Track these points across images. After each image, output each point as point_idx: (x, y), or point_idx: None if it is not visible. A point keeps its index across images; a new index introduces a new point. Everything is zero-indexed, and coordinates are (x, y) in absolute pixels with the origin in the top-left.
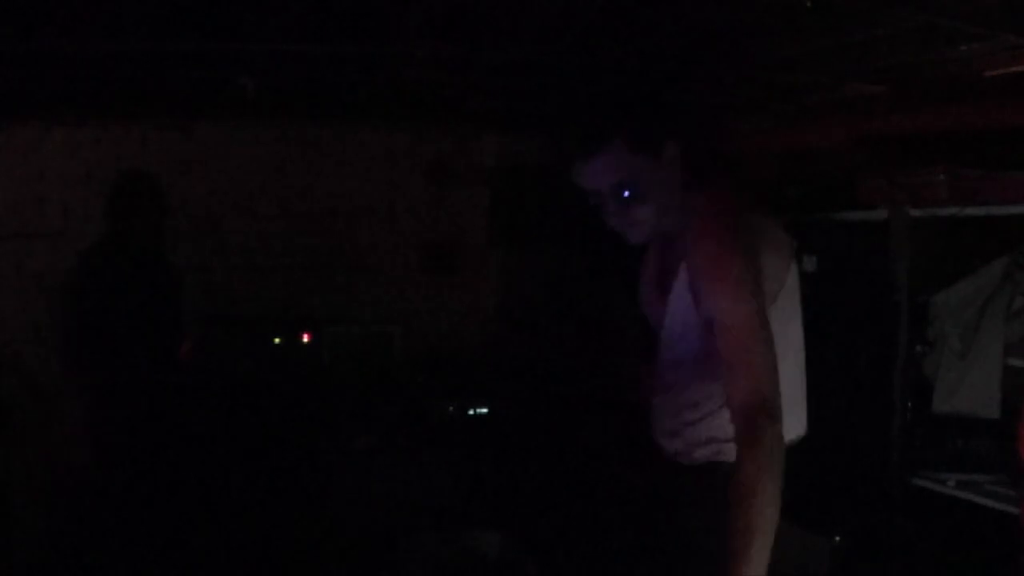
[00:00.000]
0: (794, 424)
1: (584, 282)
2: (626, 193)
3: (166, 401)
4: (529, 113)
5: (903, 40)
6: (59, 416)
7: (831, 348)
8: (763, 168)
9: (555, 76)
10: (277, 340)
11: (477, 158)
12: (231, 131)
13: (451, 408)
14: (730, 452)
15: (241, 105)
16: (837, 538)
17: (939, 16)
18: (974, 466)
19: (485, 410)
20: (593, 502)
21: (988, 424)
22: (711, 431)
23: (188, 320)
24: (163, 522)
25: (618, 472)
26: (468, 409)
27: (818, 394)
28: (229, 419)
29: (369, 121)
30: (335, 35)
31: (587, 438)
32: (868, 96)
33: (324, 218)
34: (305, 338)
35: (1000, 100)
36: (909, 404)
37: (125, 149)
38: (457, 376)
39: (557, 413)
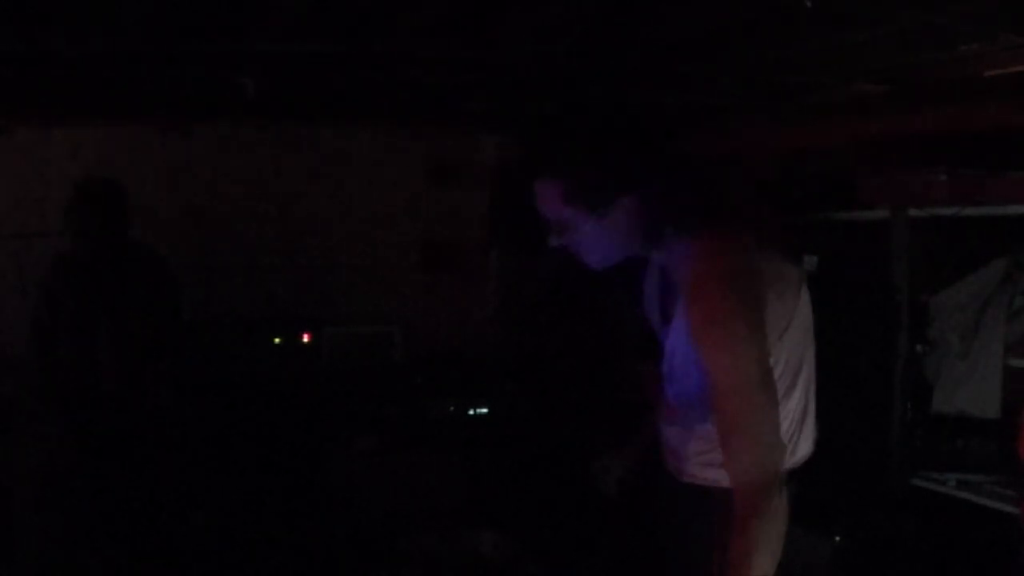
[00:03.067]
0: (803, 446)
1: (584, 282)
2: (558, 236)
3: (155, 401)
4: (529, 113)
5: (903, 40)
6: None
7: (831, 348)
8: (763, 168)
9: (555, 76)
10: (277, 340)
11: (477, 158)
12: (231, 131)
13: (451, 408)
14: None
15: (241, 105)
16: (837, 538)
17: (939, 16)
18: (974, 466)
19: (485, 410)
20: (592, 502)
21: (988, 424)
22: (719, 460)
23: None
24: (162, 522)
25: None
26: (468, 409)
27: (818, 394)
28: (229, 419)
29: (369, 121)
30: (335, 35)
31: (587, 438)
32: (868, 96)
33: (324, 218)
34: (305, 338)
35: (1000, 100)
36: (909, 404)
37: (125, 149)
38: (457, 376)
39: (557, 413)
